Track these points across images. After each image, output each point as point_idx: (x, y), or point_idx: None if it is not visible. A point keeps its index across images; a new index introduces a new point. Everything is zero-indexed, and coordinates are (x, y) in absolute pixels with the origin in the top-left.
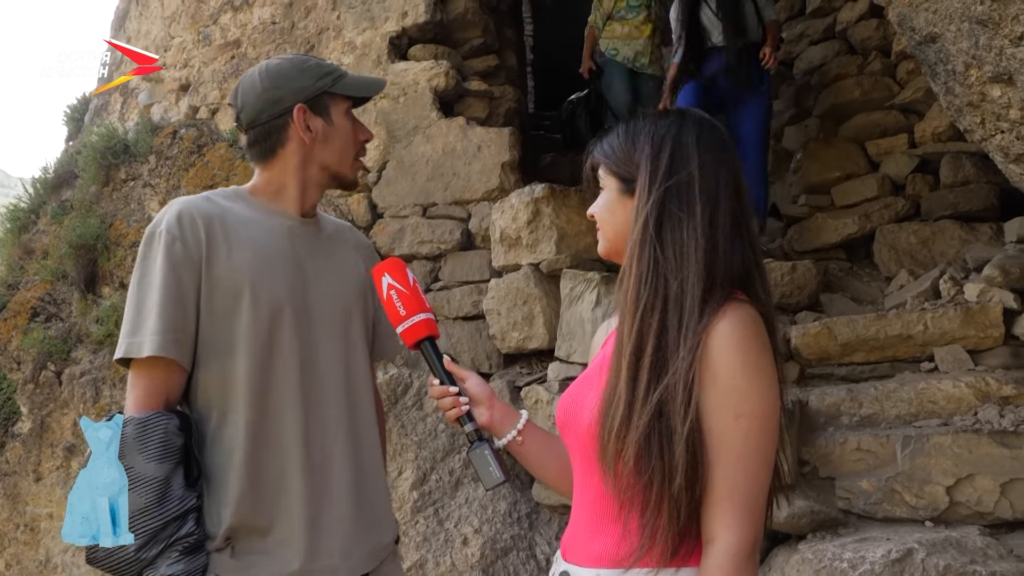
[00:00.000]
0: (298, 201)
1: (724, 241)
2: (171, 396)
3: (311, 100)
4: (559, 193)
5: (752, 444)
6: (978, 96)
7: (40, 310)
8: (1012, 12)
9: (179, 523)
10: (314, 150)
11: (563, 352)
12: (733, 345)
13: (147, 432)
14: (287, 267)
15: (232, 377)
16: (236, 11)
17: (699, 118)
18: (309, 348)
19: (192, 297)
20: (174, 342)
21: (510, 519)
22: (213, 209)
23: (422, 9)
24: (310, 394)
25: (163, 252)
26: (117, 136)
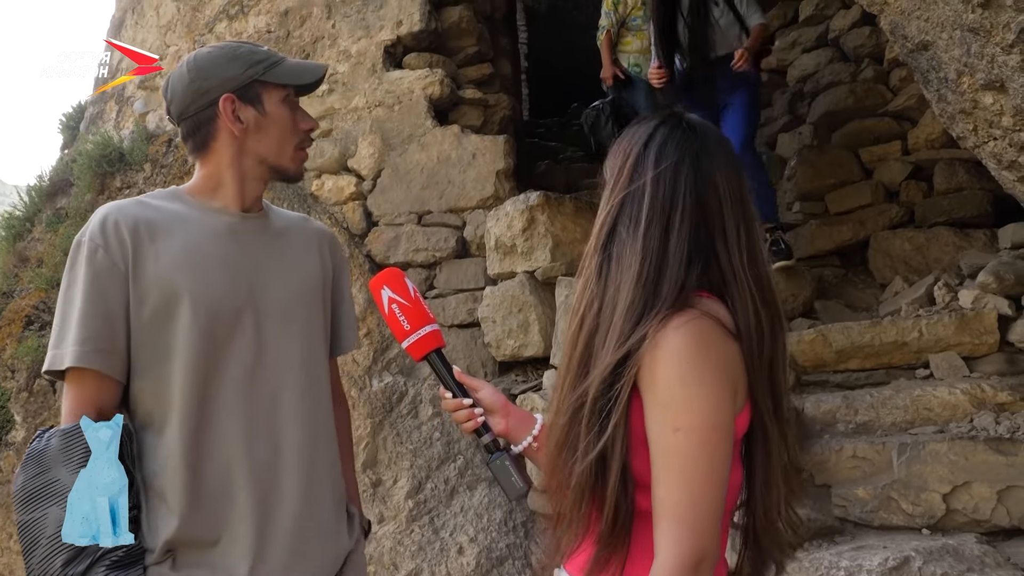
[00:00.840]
0: (237, 196)
1: (679, 249)
2: (103, 407)
3: (241, 89)
4: (554, 201)
5: (690, 458)
6: (970, 103)
7: (35, 318)
8: (1003, 20)
9: None
10: (247, 141)
11: (558, 359)
12: (670, 358)
13: (71, 443)
14: (228, 267)
15: (169, 385)
16: (232, 20)
17: (675, 122)
18: (258, 350)
19: (119, 307)
20: (97, 352)
21: (506, 528)
22: (143, 213)
23: (417, 18)
24: (258, 400)
25: (86, 262)
26: (112, 144)
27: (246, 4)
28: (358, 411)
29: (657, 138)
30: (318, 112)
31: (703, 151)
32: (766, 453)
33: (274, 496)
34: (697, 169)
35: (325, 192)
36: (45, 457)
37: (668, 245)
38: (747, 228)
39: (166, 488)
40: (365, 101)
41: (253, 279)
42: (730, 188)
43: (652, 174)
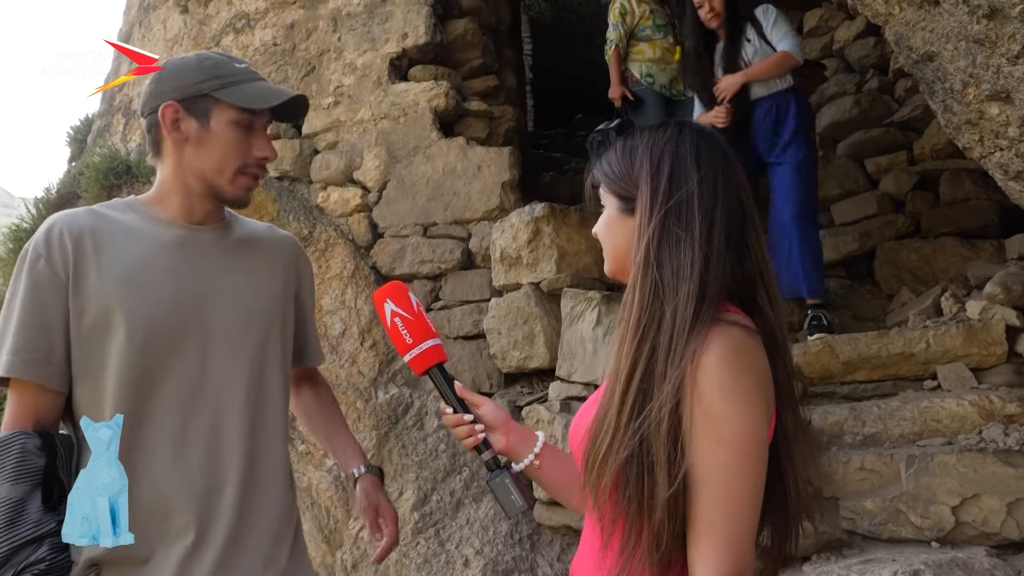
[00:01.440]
0: (184, 209)
1: (718, 256)
2: (42, 417)
3: (190, 100)
4: (559, 212)
5: (733, 473)
6: (976, 114)
7: None
8: (1008, 31)
9: (33, 547)
10: (186, 154)
11: (564, 371)
12: (712, 370)
13: (4, 452)
14: (173, 281)
15: (102, 398)
16: (238, 33)
17: (697, 129)
18: (200, 365)
19: (58, 317)
20: (30, 363)
21: (511, 540)
22: (90, 223)
23: (422, 31)
24: (198, 420)
25: (27, 271)
26: (119, 157)
27: (252, 18)
28: (363, 423)
29: (688, 143)
30: (324, 124)
31: (728, 154)
32: (790, 464)
33: (208, 519)
34: (729, 169)
35: (331, 204)
36: None
37: (712, 251)
38: (760, 232)
39: None
40: (371, 113)
41: (199, 294)
42: (749, 190)
43: (697, 177)
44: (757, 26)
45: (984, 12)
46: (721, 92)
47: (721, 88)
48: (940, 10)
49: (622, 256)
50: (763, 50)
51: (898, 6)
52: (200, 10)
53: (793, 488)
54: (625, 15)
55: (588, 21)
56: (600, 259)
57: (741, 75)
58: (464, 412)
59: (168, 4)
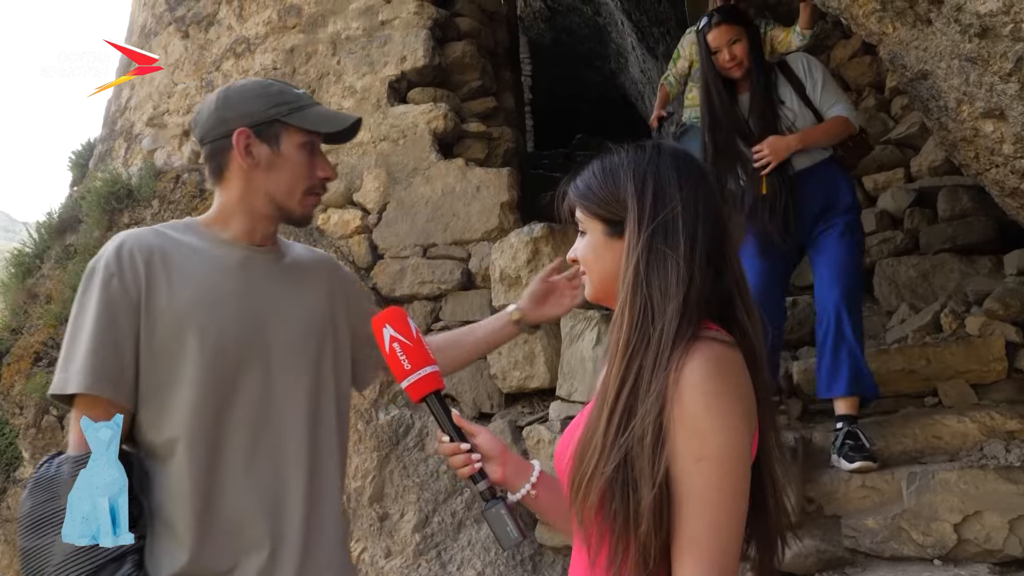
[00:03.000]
0: (247, 231)
1: (700, 273)
2: None
3: (260, 126)
4: (558, 232)
5: (715, 489)
6: (971, 131)
7: (43, 355)
8: (1000, 49)
9: (116, 565)
10: (257, 178)
11: (564, 391)
12: (695, 385)
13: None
14: (237, 301)
15: (173, 417)
16: (238, 58)
17: (674, 150)
18: (264, 384)
19: (129, 335)
20: (103, 380)
21: (513, 561)
22: (158, 242)
23: (420, 53)
24: (263, 434)
25: (99, 289)
26: (121, 181)
27: (252, 42)
28: (364, 444)
29: (668, 163)
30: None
31: (703, 174)
32: (772, 479)
33: (279, 531)
34: (712, 189)
35: (331, 226)
36: (55, 484)
37: (694, 269)
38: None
39: (175, 519)
40: (370, 136)
41: (261, 315)
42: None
43: (679, 198)
44: (793, 80)
45: (976, 31)
46: (766, 157)
47: (766, 153)
48: (933, 29)
49: (609, 280)
50: (803, 113)
51: (892, 25)
52: (201, 35)
53: (773, 501)
54: (677, 59)
55: (587, 43)
56: None
57: (796, 139)
58: (461, 441)
59: (169, 30)
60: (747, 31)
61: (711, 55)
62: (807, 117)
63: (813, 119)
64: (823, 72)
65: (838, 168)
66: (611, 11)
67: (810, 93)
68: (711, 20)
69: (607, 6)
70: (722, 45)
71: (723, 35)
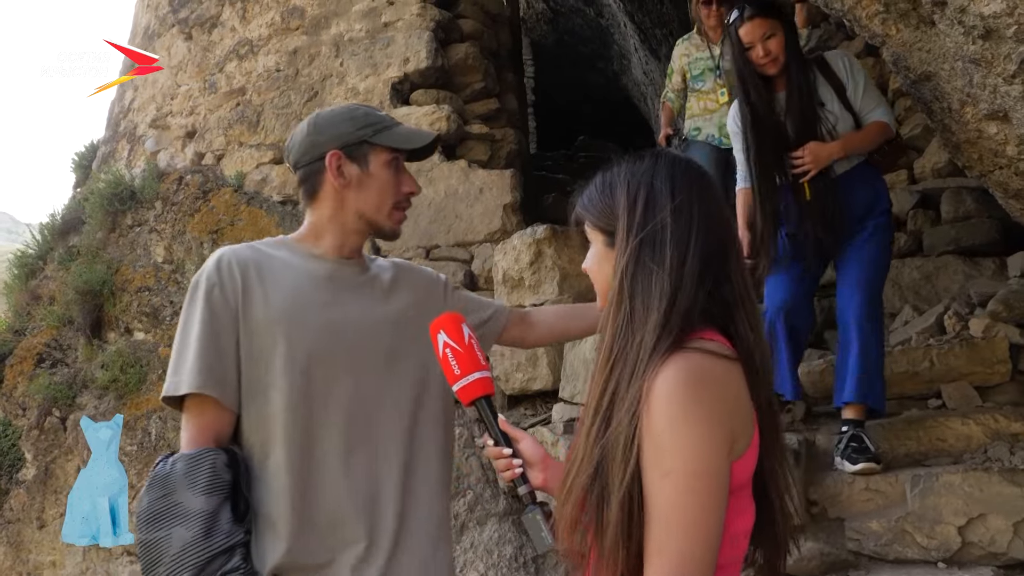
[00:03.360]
0: (337, 245)
1: (690, 285)
2: (221, 434)
3: (349, 147)
4: (561, 234)
5: (677, 507)
6: (975, 133)
7: (46, 356)
8: (1004, 51)
9: (226, 557)
10: (348, 196)
11: (567, 393)
12: (663, 397)
13: (196, 467)
14: (326, 310)
15: (270, 420)
16: (241, 59)
17: (672, 158)
18: (357, 389)
19: (230, 342)
20: (211, 381)
21: (516, 564)
22: (253, 256)
23: (423, 55)
24: (357, 434)
25: (203, 299)
26: (124, 182)
27: (255, 44)
28: None
29: (663, 172)
30: None
31: (705, 180)
32: (776, 486)
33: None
34: (705, 196)
35: None
36: (169, 480)
37: (684, 279)
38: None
39: (274, 515)
40: None
41: (349, 323)
42: (728, 214)
43: (671, 207)
44: (833, 81)
45: (980, 32)
46: (808, 164)
47: (808, 161)
48: (936, 31)
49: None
50: (844, 117)
51: (895, 27)
52: (204, 37)
53: (780, 513)
54: (671, 74)
55: (589, 44)
56: None
57: (838, 146)
58: (506, 445)
59: (172, 32)
60: (783, 24)
61: (744, 51)
62: (847, 121)
63: (852, 123)
64: (864, 74)
65: (874, 170)
66: (614, 13)
67: (851, 95)
68: (743, 13)
69: (610, 8)
70: (756, 40)
71: (757, 29)
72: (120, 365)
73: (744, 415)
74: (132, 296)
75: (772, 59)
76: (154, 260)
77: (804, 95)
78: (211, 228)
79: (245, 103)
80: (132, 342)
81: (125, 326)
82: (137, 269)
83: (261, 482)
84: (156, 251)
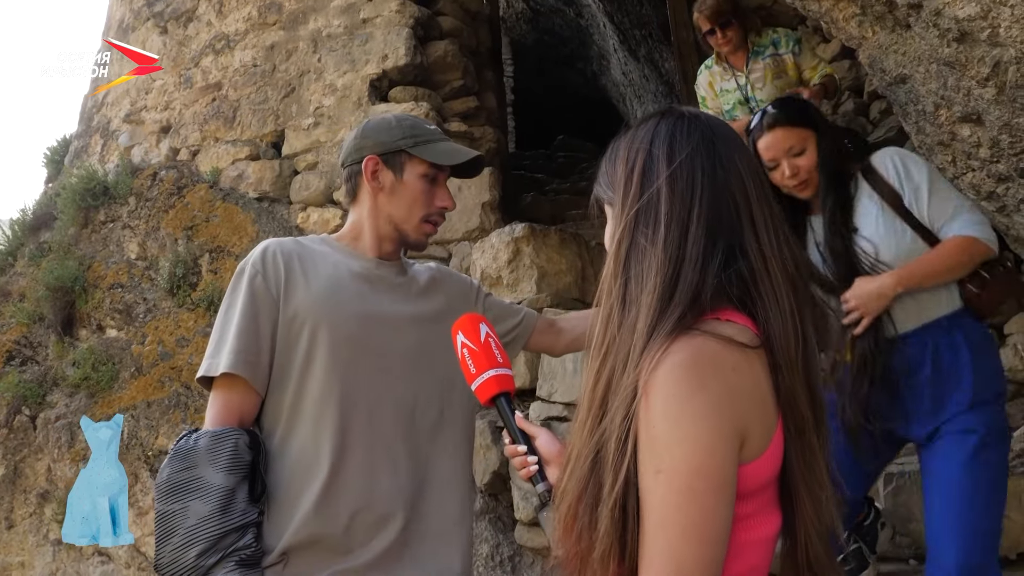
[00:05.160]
0: (374, 247)
1: (694, 258)
2: (245, 416)
3: (388, 154)
4: (539, 233)
5: (672, 507)
6: (948, 135)
7: (16, 353)
8: (978, 54)
9: (239, 534)
10: (380, 200)
11: (544, 392)
12: (659, 389)
13: (220, 444)
14: (359, 305)
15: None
16: (218, 54)
17: (677, 115)
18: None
19: (267, 327)
20: (247, 363)
21: (492, 562)
22: (296, 248)
23: (402, 52)
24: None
25: (246, 285)
26: (97, 178)
27: (232, 39)
28: None
29: (663, 133)
30: (303, 145)
31: (717, 135)
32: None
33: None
34: (714, 155)
35: (310, 224)
36: (193, 454)
37: (685, 246)
38: (774, 213)
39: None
40: None
41: (381, 320)
42: (751, 171)
43: (667, 173)
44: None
45: (954, 36)
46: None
47: (854, 306)
48: (912, 34)
49: None
50: (892, 240)
51: (871, 29)
52: (179, 31)
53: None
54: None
55: (569, 44)
56: (579, 278)
57: (893, 281)
58: (522, 443)
59: (147, 25)
60: (815, 133)
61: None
62: (898, 242)
63: (911, 244)
64: (927, 172)
65: (969, 324)
66: (593, 13)
67: (910, 205)
68: (762, 120)
69: (589, 8)
70: (780, 156)
71: (781, 143)
72: (92, 363)
73: (762, 410)
74: (105, 293)
75: (802, 181)
76: (127, 256)
77: (838, 223)
78: (186, 224)
79: (221, 98)
80: (104, 340)
81: (97, 323)
82: (110, 266)
83: (281, 465)
84: (129, 247)
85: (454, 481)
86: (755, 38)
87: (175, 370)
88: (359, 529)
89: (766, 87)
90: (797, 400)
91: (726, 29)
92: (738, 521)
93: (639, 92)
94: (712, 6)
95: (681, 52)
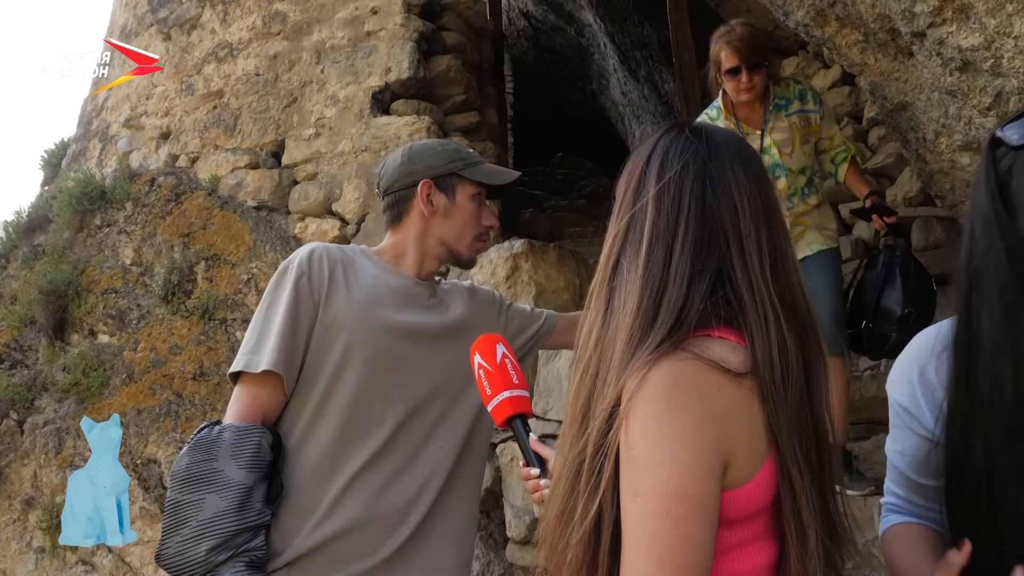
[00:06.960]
0: (416, 266)
1: (680, 268)
2: (269, 414)
3: (439, 178)
4: (538, 249)
5: (648, 531)
6: (948, 163)
7: (5, 356)
8: (980, 84)
9: (251, 534)
10: (433, 223)
11: (540, 409)
12: (638, 410)
13: (243, 440)
14: (395, 320)
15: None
16: (220, 62)
17: (679, 130)
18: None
19: (305, 331)
20: (284, 363)
21: None
22: (340, 255)
23: (405, 65)
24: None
25: (291, 284)
26: (94, 182)
27: (235, 47)
28: None
29: (659, 149)
30: (304, 155)
31: (712, 155)
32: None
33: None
34: (705, 175)
35: (308, 235)
36: (215, 447)
37: (670, 266)
38: (771, 238)
39: (308, 502)
40: (352, 146)
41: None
42: (748, 193)
43: (654, 190)
44: None
45: (957, 65)
46: None
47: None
48: (914, 62)
49: None
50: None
51: (873, 56)
52: (183, 38)
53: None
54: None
55: (569, 63)
56: (577, 295)
57: None
58: (537, 466)
59: (150, 31)
60: None
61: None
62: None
63: None
64: None
65: None
66: (594, 33)
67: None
68: None
69: (591, 28)
70: None
71: None
72: (83, 368)
73: (750, 434)
74: (98, 298)
75: None
76: (122, 262)
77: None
78: (183, 231)
79: (222, 106)
80: (96, 345)
81: (89, 328)
82: (104, 270)
83: (294, 468)
84: (125, 253)
85: (463, 497)
86: (775, 88)
87: (167, 378)
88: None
89: (795, 153)
90: (781, 433)
91: (754, 72)
92: (729, 550)
93: (638, 112)
94: (745, 38)
95: (683, 74)
